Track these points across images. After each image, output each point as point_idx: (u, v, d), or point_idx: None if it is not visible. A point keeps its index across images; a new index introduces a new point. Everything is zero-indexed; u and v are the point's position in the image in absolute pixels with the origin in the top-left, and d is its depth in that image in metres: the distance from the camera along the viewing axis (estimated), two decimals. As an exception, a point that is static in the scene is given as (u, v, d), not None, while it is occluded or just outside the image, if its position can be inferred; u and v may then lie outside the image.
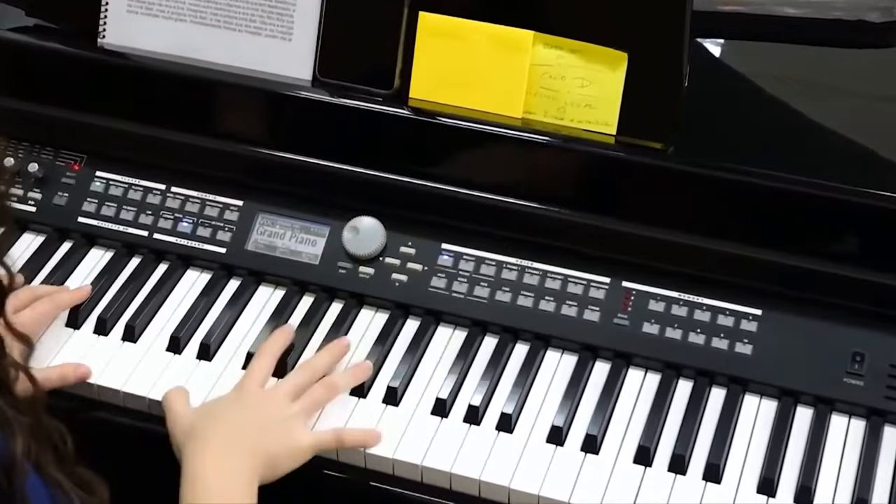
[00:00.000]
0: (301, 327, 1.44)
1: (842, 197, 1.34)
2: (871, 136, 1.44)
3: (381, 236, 1.47)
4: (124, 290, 1.49)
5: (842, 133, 1.45)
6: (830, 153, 1.45)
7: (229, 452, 1.22)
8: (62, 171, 1.58)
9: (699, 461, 1.28)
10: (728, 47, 1.50)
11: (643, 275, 1.41)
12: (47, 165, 1.59)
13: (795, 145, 1.44)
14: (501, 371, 1.39)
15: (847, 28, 1.50)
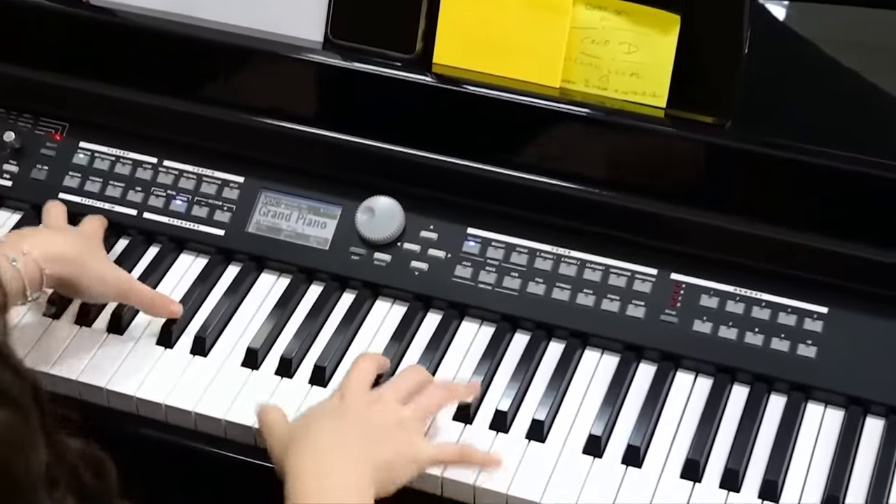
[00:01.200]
0: (308, 320, 1.39)
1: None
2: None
3: (400, 219, 1.43)
4: (110, 276, 1.46)
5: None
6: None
7: (337, 457, 1.17)
8: (41, 140, 1.55)
9: (755, 477, 1.24)
10: (794, 10, 1.44)
11: (695, 266, 1.37)
12: (25, 135, 1.55)
13: (870, 121, 1.38)
14: (533, 372, 1.35)
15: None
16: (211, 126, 1.50)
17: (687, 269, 1.37)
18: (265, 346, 1.36)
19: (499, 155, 1.41)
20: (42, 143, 1.54)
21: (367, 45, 1.46)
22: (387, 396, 1.24)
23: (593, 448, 1.26)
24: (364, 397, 1.24)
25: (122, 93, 1.52)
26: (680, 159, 1.39)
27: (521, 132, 1.42)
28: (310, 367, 1.34)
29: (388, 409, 1.23)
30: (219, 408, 1.31)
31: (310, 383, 1.34)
